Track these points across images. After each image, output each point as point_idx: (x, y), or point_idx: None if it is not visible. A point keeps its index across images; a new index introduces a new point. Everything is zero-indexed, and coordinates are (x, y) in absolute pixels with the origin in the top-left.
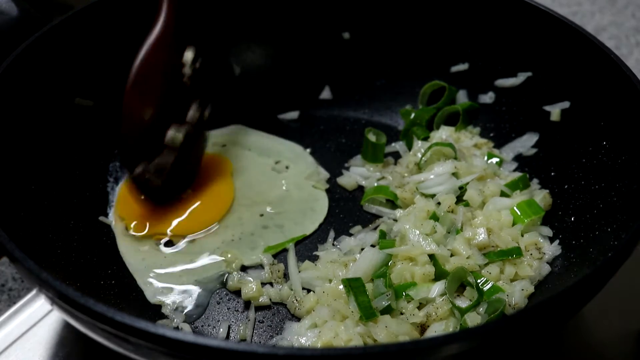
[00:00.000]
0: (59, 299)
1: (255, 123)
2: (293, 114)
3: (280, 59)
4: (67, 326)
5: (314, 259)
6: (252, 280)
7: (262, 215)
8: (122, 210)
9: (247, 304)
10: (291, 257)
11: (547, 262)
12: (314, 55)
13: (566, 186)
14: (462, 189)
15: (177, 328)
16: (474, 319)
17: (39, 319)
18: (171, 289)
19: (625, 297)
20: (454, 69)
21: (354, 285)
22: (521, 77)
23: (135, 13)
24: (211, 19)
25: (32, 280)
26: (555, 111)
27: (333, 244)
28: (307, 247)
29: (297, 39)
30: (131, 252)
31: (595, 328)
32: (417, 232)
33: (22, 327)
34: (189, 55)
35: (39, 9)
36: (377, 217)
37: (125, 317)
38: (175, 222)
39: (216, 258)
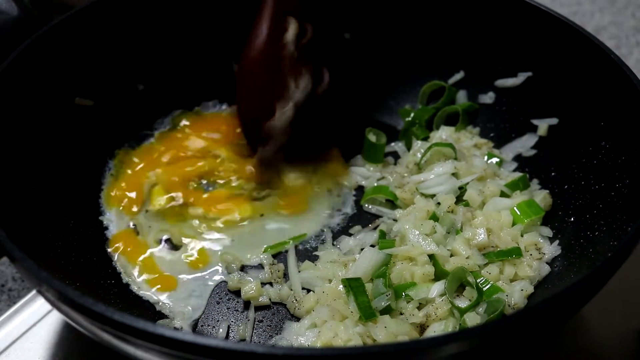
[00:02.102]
0: (59, 299)
1: None
2: None
3: None
4: (67, 326)
5: (314, 259)
6: (252, 280)
7: (262, 215)
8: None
9: (246, 304)
10: (291, 257)
11: (547, 263)
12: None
13: (566, 186)
14: (462, 189)
15: (176, 328)
16: (473, 319)
17: (39, 319)
18: (170, 289)
19: (625, 297)
20: (451, 80)
21: (353, 285)
22: (521, 77)
23: (135, 13)
24: (211, 18)
25: (32, 280)
26: (542, 126)
27: (333, 244)
28: (307, 247)
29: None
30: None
31: (595, 328)
32: (417, 232)
33: (22, 327)
34: (290, 33)
35: (39, 9)
36: (377, 217)
37: (125, 317)
38: None
39: (216, 258)
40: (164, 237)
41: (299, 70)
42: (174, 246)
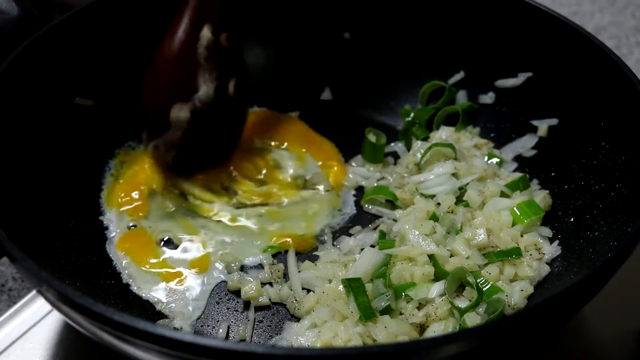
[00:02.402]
0: (59, 299)
1: None
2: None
3: (281, 59)
4: (67, 326)
5: (314, 259)
6: (251, 280)
7: (261, 215)
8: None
9: (246, 304)
10: (291, 257)
11: (547, 263)
12: (315, 56)
13: (566, 186)
14: (462, 190)
15: (176, 328)
16: (473, 319)
17: (39, 319)
18: (171, 289)
19: (625, 297)
20: (451, 80)
21: (353, 286)
22: (521, 78)
23: (135, 13)
24: None
25: (32, 280)
26: (542, 127)
27: (333, 244)
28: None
29: (298, 39)
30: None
31: (595, 328)
32: (417, 232)
33: (22, 327)
34: (205, 33)
35: (39, 9)
36: (377, 217)
37: (125, 317)
38: None
39: (216, 258)
40: (164, 237)
41: (204, 76)
42: (175, 246)
